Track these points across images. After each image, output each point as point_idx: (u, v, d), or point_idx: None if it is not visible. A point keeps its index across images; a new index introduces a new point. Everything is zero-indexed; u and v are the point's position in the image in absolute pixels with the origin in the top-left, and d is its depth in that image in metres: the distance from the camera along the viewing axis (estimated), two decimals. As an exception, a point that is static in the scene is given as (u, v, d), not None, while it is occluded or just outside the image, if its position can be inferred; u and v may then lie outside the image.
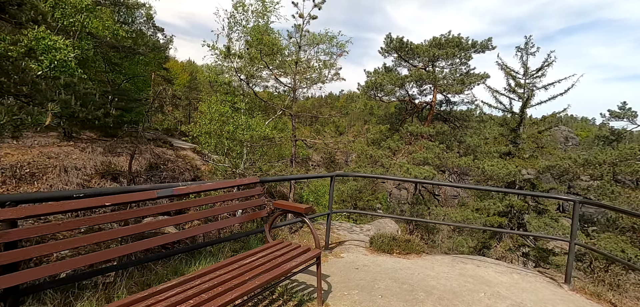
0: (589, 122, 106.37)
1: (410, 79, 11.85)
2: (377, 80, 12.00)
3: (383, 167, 11.48)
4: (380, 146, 12.65)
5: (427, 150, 11.68)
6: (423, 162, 11.76)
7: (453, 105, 13.87)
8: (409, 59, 12.95)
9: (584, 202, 4.74)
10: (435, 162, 11.72)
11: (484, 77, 12.12)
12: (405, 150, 12.54)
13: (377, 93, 12.31)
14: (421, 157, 11.46)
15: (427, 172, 10.35)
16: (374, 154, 12.21)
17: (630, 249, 15.33)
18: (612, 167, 18.17)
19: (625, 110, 19.03)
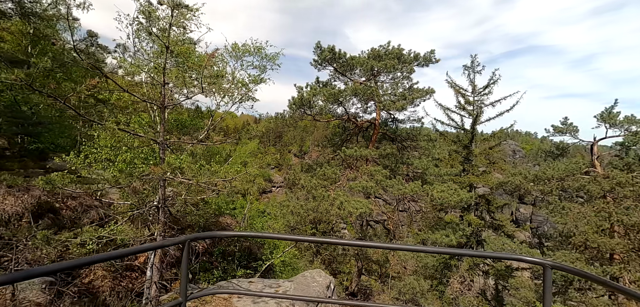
0: (532, 136, 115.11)
1: (346, 94, 10.46)
2: (306, 97, 10.42)
3: (314, 199, 9.77)
4: (314, 173, 10.97)
5: (368, 178, 10.19)
6: (363, 193, 10.24)
7: (399, 124, 12.71)
8: (346, 72, 11.62)
9: (554, 267, 3.25)
10: (377, 191, 10.28)
11: (428, 92, 11.10)
12: (344, 177, 10.99)
13: (306, 110, 10.72)
14: (360, 187, 9.94)
15: (362, 208, 8.80)
16: (305, 185, 10.49)
17: (585, 268, 14.95)
18: (560, 182, 18.23)
19: (567, 125, 19.34)
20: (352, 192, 10.06)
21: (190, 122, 10.99)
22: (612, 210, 16.20)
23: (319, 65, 11.35)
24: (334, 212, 8.98)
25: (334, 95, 10.07)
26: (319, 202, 9.43)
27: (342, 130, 13.18)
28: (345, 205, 8.88)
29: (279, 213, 10.33)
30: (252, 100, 11.80)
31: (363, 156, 10.83)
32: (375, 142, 12.02)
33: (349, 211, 8.78)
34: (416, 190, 9.99)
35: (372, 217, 19.80)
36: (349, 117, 11.96)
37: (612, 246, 15.68)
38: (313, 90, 10.54)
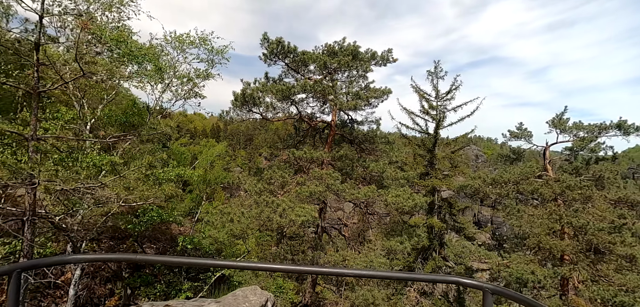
0: (494, 141, 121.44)
1: (296, 91, 9.84)
2: (250, 92, 9.62)
3: (257, 205, 9.06)
4: (261, 177, 10.23)
5: (318, 182, 9.61)
6: (310, 198, 9.65)
7: (358, 125, 12.30)
8: (299, 69, 11.01)
9: (495, 292, 2.78)
10: (327, 196, 9.76)
11: (385, 92, 10.77)
12: (294, 181, 10.35)
13: (251, 108, 9.94)
14: (307, 192, 9.34)
15: (304, 215, 8.19)
16: (249, 189, 9.76)
17: (539, 271, 15.34)
18: (516, 186, 18.79)
19: (522, 131, 20.02)
20: (300, 198, 9.43)
21: (125, 118, 9.82)
22: (562, 212, 16.84)
23: (269, 59, 10.60)
24: (276, 221, 8.27)
25: (282, 91, 9.37)
26: (262, 209, 8.67)
27: (297, 131, 12.51)
28: (288, 212, 8.19)
29: (218, 221, 9.43)
30: (198, 97, 10.88)
31: (315, 158, 10.22)
32: (331, 144, 11.49)
33: (291, 219, 8.10)
34: (370, 194, 9.54)
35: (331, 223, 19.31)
36: (302, 116, 11.32)
37: (563, 247, 16.26)
38: (260, 86, 9.79)
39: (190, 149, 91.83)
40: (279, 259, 10.49)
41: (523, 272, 14.83)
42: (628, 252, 16.57)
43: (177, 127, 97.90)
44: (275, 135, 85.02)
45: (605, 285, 15.59)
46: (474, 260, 21.84)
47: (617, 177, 20.48)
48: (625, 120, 17.40)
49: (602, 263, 16.76)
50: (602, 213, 16.84)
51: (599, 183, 18.26)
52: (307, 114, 12.01)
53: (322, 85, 9.71)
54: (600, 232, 15.91)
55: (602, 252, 16.78)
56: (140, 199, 9.54)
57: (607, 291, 14.46)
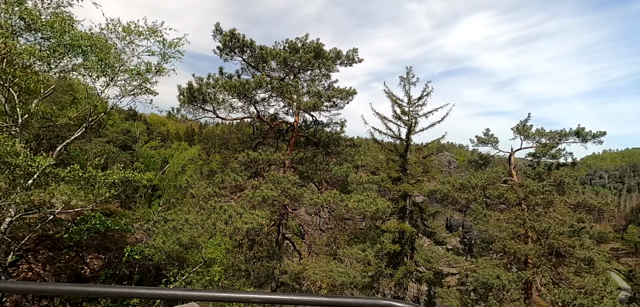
0: (465, 148, 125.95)
1: (252, 87, 9.21)
2: (197, 86, 8.88)
3: (203, 211, 8.36)
4: (212, 180, 9.52)
5: (273, 186, 9.03)
6: (264, 203, 9.05)
7: (324, 127, 11.82)
8: (258, 66, 10.39)
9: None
10: (283, 201, 9.17)
11: (350, 93, 10.41)
12: (249, 185, 9.70)
13: (201, 105, 9.19)
14: (259, 197, 8.73)
15: (252, 223, 7.56)
16: (196, 194, 8.99)
17: (504, 275, 15.49)
18: (483, 190, 19.09)
19: (489, 137, 20.43)
20: (252, 203, 8.80)
21: (52, 112, 8.80)
22: (526, 217, 17.20)
23: (225, 54, 9.88)
24: (220, 228, 7.57)
25: (236, 87, 8.71)
26: (208, 215, 7.93)
27: (255, 132, 11.83)
28: (235, 219, 7.50)
29: (159, 230, 8.58)
30: (149, 93, 10.00)
31: (273, 160, 9.63)
32: (293, 146, 10.95)
33: (235, 227, 7.42)
34: (330, 199, 9.10)
35: (305, 228, 18.66)
36: (260, 116, 10.70)
37: (526, 251, 16.57)
38: (213, 82, 9.07)
39: (161, 152, 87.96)
40: (232, 270, 9.74)
41: (488, 277, 14.91)
42: (586, 255, 17.14)
43: (147, 129, 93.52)
44: (251, 139, 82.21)
45: (566, 288, 16.00)
46: (444, 265, 21.99)
47: (576, 182, 21.34)
48: (583, 128, 18.11)
49: (562, 266, 17.25)
50: (563, 217, 17.38)
51: (559, 188, 18.87)
52: (270, 114, 11.40)
53: (281, 83, 9.15)
54: (561, 236, 16.36)
55: (562, 255, 17.28)
56: (77, 205, 8.55)
57: (568, 293, 14.80)
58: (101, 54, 8.25)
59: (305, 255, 10.83)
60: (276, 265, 9.27)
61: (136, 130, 62.19)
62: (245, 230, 7.24)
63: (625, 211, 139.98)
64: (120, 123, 61.86)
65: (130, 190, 36.59)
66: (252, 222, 7.34)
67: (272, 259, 9.60)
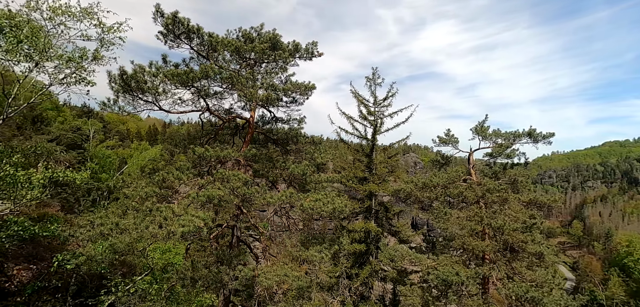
0: (430, 149, 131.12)
1: (197, 77, 8.50)
2: (135, 75, 7.96)
3: (138, 213, 7.56)
4: (151, 179, 8.70)
5: (221, 185, 8.39)
6: (209, 202, 8.40)
7: (280, 124, 11.29)
8: (210, 56, 9.65)
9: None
10: (232, 201, 8.57)
11: (309, 88, 9.98)
12: (195, 184, 8.99)
13: (139, 95, 8.29)
14: (203, 197, 8.06)
15: (188, 226, 6.91)
16: (131, 194, 8.17)
17: (463, 271, 15.88)
18: (444, 189, 19.59)
19: (449, 137, 21.00)
20: (195, 204, 8.12)
21: None
22: (483, 214, 17.82)
23: (170, 41, 9.00)
24: (152, 232, 6.78)
25: (180, 76, 7.94)
26: (142, 218, 7.12)
27: (212, 127, 11.00)
28: (170, 222, 6.77)
29: (84, 236, 7.60)
30: (85, 83, 8.91)
31: (222, 157, 8.93)
32: (249, 143, 10.31)
33: (170, 231, 6.69)
34: (284, 199, 8.63)
35: (274, 229, 17.93)
36: (210, 109, 9.97)
37: (483, 247, 17.15)
38: (154, 70, 8.20)
39: (119, 152, 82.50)
40: (175, 277, 8.93)
41: (448, 274, 15.20)
42: (537, 250, 18.09)
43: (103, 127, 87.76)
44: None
45: (519, 281, 16.76)
46: (407, 263, 22.31)
47: (528, 181, 22.57)
48: (535, 129, 19.13)
49: (516, 261, 18.09)
50: (516, 214, 18.22)
51: (514, 186, 19.81)
52: (224, 109, 10.68)
53: (231, 74, 8.51)
54: (515, 232, 17.12)
55: (516, 250, 18.11)
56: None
57: (521, 287, 15.46)
58: (21, 35, 7.13)
59: (269, 258, 10.23)
60: (226, 270, 8.57)
61: (90, 128, 57.69)
62: (181, 233, 6.52)
63: (570, 207, 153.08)
64: (71, 120, 57.14)
65: (80, 193, 33.62)
66: (189, 225, 6.62)
67: (222, 265, 8.87)
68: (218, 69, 8.09)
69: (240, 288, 8.85)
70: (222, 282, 8.33)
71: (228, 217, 9.34)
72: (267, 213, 14.37)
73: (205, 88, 9.07)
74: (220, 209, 10.56)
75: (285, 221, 14.15)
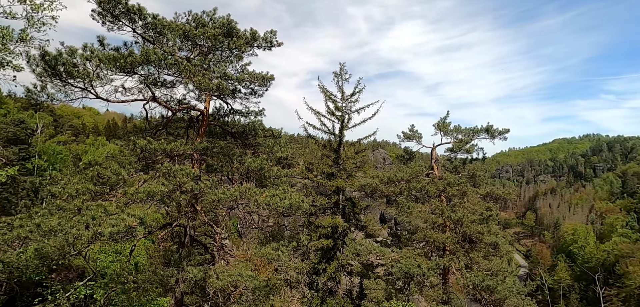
0: (398, 146, 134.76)
1: (138, 62, 7.77)
2: (58, 57, 7.08)
3: (65, 213, 6.87)
4: (85, 175, 7.95)
5: (166, 180, 7.80)
6: (150, 199, 7.81)
7: (241, 117, 10.77)
8: (157, 41, 8.90)
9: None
10: (178, 198, 8.03)
11: (267, 78, 9.56)
12: (138, 179, 8.31)
13: (67, 80, 7.40)
14: (143, 193, 7.44)
15: (119, 226, 6.31)
16: (57, 192, 7.42)
17: (424, 263, 16.30)
18: (408, 184, 20.02)
19: (413, 132, 21.46)
20: (135, 201, 7.48)
21: None
22: (444, 207, 18.42)
23: (109, 22, 8.10)
24: (75, 233, 6.09)
25: (117, 60, 7.16)
26: (69, 218, 6.38)
27: (163, 118, 10.15)
28: (100, 221, 6.11)
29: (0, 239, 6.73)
30: (11, 67, 7.85)
31: (170, 150, 8.28)
32: (204, 136, 9.69)
33: (96, 232, 6.04)
34: (236, 194, 8.17)
35: (244, 225, 17.10)
36: (157, 99, 9.21)
37: (444, 239, 17.73)
38: (88, 53, 7.34)
39: (72, 148, 76.52)
40: (115, 282, 8.15)
41: (410, 266, 15.52)
42: (493, 240, 19.00)
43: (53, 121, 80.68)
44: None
45: (476, 271, 17.56)
46: (374, 257, 22.62)
47: (486, 175, 23.70)
48: (492, 125, 20.03)
49: (474, 251, 18.91)
50: (475, 207, 19.04)
51: (472, 180, 20.69)
52: (176, 99, 9.94)
53: (176, 59, 7.86)
54: (473, 224, 17.87)
55: (474, 241, 18.93)
56: None
57: (477, 276, 16.17)
58: None
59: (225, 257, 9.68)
60: (173, 272, 7.98)
61: (37, 122, 52.86)
62: (109, 234, 5.88)
63: (524, 200, 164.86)
64: (15, 112, 52.05)
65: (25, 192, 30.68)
66: (120, 225, 5.99)
67: (169, 266, 8.24)
68: (162, 54, 7.40)
69: (190, 290, 8.30)
70: (168, 285, 7.73)
71: (178, 215, 8.72)
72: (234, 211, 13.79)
73: (153, 76, 8.36)
74: (172, 207, 9.89)
75: (250, 218, 13.66)
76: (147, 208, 9.43)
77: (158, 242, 9.34)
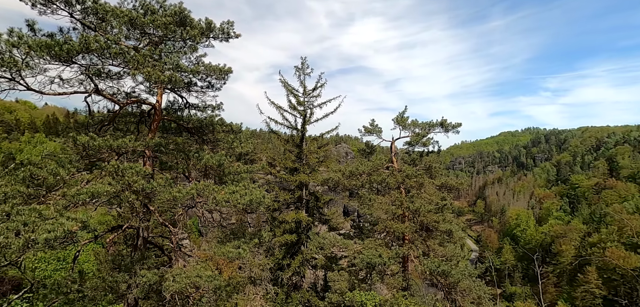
0: (360, 140, 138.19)
1: (78, 51, 7.09)
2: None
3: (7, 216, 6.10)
4: (15, 175, 7.16)
5: (113, 180, 7.27)
6: (94, 201, 7.24)
7: (198, 111, 10.25)
8: (99, 28, 8.16)
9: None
10: (128, 198, 7.53)
11: (225, 71, 9.17)
12: (81, 179, 7.65)
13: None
14: (86, 195, 6.85)
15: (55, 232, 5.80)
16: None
17: (385, 253, 16.90)
18: (369, 177, 20.60)
19: (374, 127, 22.04)
20: (76, 203, 6.86)
21: None
22: (403, 199, 19.23)
23: (40, 4, 7.24)
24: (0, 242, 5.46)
25: (51, 48, 6.42)
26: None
27: (110, 113, 9.31)
28: (33, 227, 5.47)
29: None
30: None
31: (117, 147, 7.65)
32: (156, 132, 9.08)
33: (28, 239, 5.43)
34: (193, 192, 7.81)
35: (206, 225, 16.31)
36: (101, 91, 8.44)
37: (403, 229, 18.52)
38: (16, 40, 6.47)
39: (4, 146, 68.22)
40: (56, 292, 7.39)
41: (372, 256, 16.02)
42: (448, 228, 20.22)
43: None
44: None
45: (433, 257, 18.60)
46: (337, 249, 23.02)
47: (442, 167, 25.06)
48: (446, 120, 21.19)
49: (431, 239, 20.01)
50: (431, 197, 20.10)
51: (429, 172, 21.79)
52: (124, 92, 9.15)
53: (121, 48, 7.24)
54: (429, 213, 18.87)
55: (430, 230, 20.01)
56: None
57: (433, 262, 17.13)
58: None
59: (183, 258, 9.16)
60: (124, 277, 7.43)
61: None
62: (44, 241, 5.28)
63: (475, 189, 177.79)
64: None
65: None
66: (57, 230, 5.41)
67: (120, 271, 7.64)
68: (105, 43, 6.75)
69: (144, 296, 7.76)
70: (119, 292, 7.16)
71: (130, 216, 8.10)
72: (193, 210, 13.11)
73: (96, 66, 7.58)
74: (124, 208, 9.19)
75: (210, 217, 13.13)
76: (93, 210, 8.67)
77: (107, 246, 8.61)
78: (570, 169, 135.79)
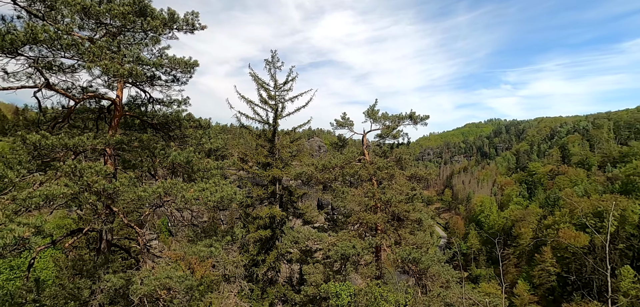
0: (332, 133, 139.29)
1: (23, 41, 6.52)
2: None
3: None
4: None
5: (72, 180, 6.82)
6: (49, 204, 6.81)
7: (162, 106, 9.79)
8: (48, 17, 7.58)
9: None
10: (87, 199, 7.12)
11: (190, 64, 8.83)
12: (33, 181, 7.12)
13: None
14: (40, 197, 6.38)
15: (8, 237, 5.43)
16: None
17: (358, 244, 17.24)
18: (341, 170, 20.84)
19: (345, 120, 22.27)
20: (28, 207, 6.40)
21: None
22: (375, 190, 19.66)
23: None
24: None
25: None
26: None
27: (64, 109, 8.63)
28: None
29: None
30: None
31: (73, 145, 7.14)
32: (117, 129, 8.57)
33: None
34: (159, 191, 7.50)
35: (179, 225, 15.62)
36: (52, 86, 7.79)
37: (375, 220, 18.97)
38: None
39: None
40: (9, 303, 6.89)
41: (346, 248, 16.29)
42: (418, 217, 20.97)
43: None
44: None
45: (404, 246, 19.25)
46: (312, 242, 23.15)
47: (411, 158, 25.86)
48: (415, 112, 21.83)
49: (402, 228, 20.67)
50: (401, 187, 20.72)
51: (399, 163, 22.42)
52: (80, 86, 8.50)
53: (73, 39, 6.73)
54: (400, 203, 19.46)
55: (401, 219, 20.65)
56: None
57: (405, 250, 17.73)
58: None
59: (151, 259, 8.76)
60: (88, 284, 6.99)
61: None
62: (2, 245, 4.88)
63: (443, 178, 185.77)
64: None
65: None
66: (6, 238, 4.98)
67: (82, 277, 7.19)
68: (55, 33, 6.20)
69: (109, 301, 7.34)
70: (82, 298, 6.73)
71: (92, 218, 7.61)
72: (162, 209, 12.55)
73: (46, 59, 6.97)
74: (86, 210, 8.64)
75: (180, 216, 12.64)
76: (49, 214, 8.05)
77: (67, 251, 8.03)
78: (528, 157, 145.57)
